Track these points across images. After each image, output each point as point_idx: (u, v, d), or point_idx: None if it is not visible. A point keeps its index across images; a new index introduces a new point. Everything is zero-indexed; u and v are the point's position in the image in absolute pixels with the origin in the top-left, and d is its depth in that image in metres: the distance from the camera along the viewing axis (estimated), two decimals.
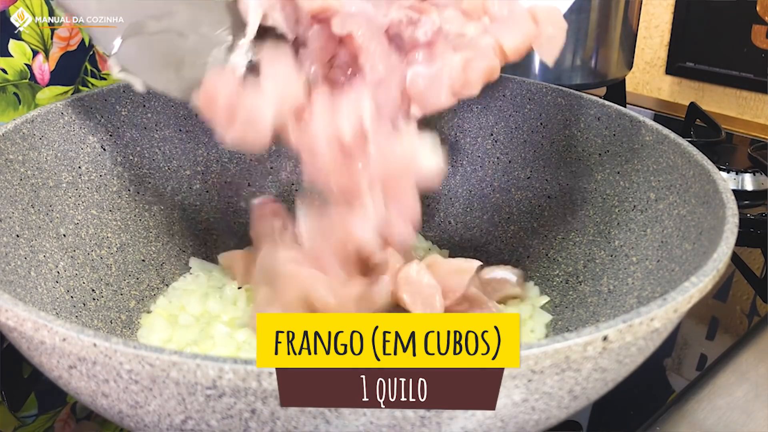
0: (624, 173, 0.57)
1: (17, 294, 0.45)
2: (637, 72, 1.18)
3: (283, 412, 0.31)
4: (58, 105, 0.57)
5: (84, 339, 0.31)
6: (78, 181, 0.57)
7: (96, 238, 0.57)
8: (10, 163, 0.51)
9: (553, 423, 0.37)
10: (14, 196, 0.50)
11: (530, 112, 0.66)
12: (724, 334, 0.58)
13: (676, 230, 0.49)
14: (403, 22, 0.45)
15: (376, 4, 0.45)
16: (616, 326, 0.32)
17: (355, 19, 0.44)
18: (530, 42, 0.47)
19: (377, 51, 0.44)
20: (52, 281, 0.50)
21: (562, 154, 0.63)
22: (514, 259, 0.63)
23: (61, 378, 0.35)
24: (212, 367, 0.29)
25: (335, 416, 0.31)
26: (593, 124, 0.61)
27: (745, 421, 0.48)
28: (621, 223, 0.56)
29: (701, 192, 0.48)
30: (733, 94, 1.09)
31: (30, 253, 0.49)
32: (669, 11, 1.12)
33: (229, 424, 0.32)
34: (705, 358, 0.55)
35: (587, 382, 0.35)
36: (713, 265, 0.38)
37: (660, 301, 0.35)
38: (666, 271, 0.48)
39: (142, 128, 0.63)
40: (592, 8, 0.85)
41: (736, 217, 0.42)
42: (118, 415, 0.35)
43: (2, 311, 0.34)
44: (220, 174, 0.67)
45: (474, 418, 0.33)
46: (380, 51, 0.44)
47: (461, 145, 0.69)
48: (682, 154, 0.52)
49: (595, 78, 0.90)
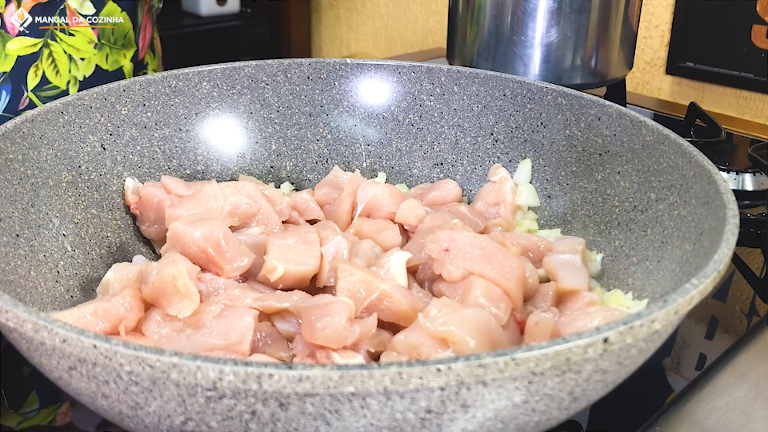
0: (624, 173, 0.57)
1: (17, 294, 0.45)
2: (637, 72, 1.18)
3: (283, 414, 0.31)
4: (58, 104, 0.57)
5: (84, 340, 0.31)
6: (78, 180, 0.57)
7: (96, 238, 0.57)
8: (10, 162, 0.51)
9: (554, 424, 0.37)
10: (14, 196, 0.50)
11: (530, 112, 0.66)
12: (723, 334, 0.58)
13: (677, 231, 0.49)
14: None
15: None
16: (616, 328, 0.32)
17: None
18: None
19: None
20: (52, 281, 0.50)
21: (562, 154, 0.63)
22: None
23: (62, 379, 0.35)
24: (212, 368, 0.29)
25: (335, 417, 0.31)
26: (593, 124, 0.61)
27: (744, 421, 0.48)
28: (621, 223, 0.56)
29: (702, 192, 0.48)
30: (733, 94, 1.09)
31: (30, 253, 0.49)
32: (669, 11, 1.12)
33: (229, 426, 0.32)
34: (704, 358, 0.55)
35: (588, 384, 0.35)
36: (714, 267, 0.38)
37: (660, 302, 0.35)
38: (666, 272, 0.48)
39: (142, 127, 0.63)
40: (592, 8, 0.85)
41: (736, 218, 0.42)
42: (119, 416, 0.35)
43: (2, 312, 0.34)
44: (220, 173, 0.67)
45: (474, 420, 0.33)
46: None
47: (461, 144, 0.69)
48: (682, 154, 0.52)
49: (595, 78, 0.90)
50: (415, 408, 0.31)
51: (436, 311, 0.43)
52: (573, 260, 0.53)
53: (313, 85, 0.70)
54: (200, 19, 1.65)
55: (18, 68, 0.78)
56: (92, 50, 0.82)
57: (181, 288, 0.45)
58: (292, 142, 0.70)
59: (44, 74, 0.79)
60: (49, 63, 0.78)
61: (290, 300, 0.47)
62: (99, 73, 0.83)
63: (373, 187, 0.61)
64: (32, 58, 0.78)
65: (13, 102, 0.78)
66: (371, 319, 0.44)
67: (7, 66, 0.77)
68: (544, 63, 0.87)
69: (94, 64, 0.83)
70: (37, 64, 0.78)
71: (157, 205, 0.58)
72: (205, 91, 0.67)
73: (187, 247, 0.49)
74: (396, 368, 0.29)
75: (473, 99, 0.68)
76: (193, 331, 0.45)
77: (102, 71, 0.83)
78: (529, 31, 0.86)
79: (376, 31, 1.59)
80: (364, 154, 0.70)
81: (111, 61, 0.84)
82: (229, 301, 0.47)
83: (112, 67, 0.85)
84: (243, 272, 0.51)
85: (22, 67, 0.78)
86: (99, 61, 0.83)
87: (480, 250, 0.49)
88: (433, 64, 0.70)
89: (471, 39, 0.91)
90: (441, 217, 0.58)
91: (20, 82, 0.78)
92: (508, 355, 0.30)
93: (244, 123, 0.68)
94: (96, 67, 0.83)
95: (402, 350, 0.42)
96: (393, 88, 0.70)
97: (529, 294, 0.51)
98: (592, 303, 0.49)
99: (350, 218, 0.62)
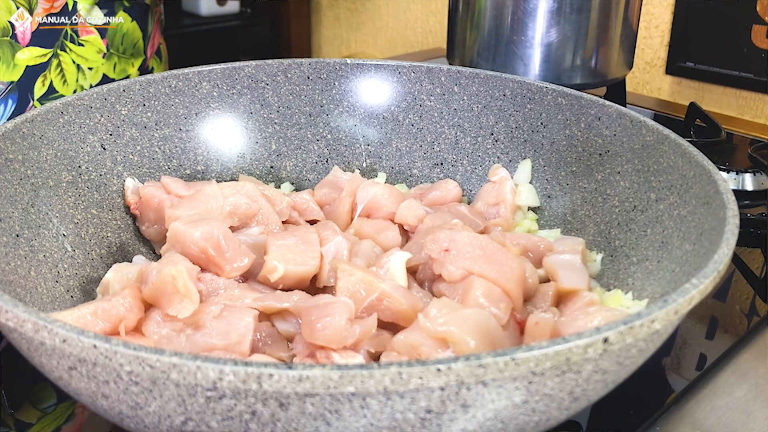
0: (624, 173, 0.57)
1: (17, 294, 0.45)
2: (637, 72, 1.18)
3: (283, 414, 0.31)
4: (58, 104, 0.57)
5: (84, 340, 0.31)
6: (78, 180, 0.57)
7: (96, 238, 0.57)
8: (10, 162, 0.51)
9: (554, 424, 0.37)
10: (14, 196, 0.50)
11: (530, 112, 0.66)
12: (723, 334, 0.58)
13: (677, 231, 0.49)
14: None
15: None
16: (616, 328, 0.32)
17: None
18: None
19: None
20: (52, 281, 0.50)
21: (562, 154, 0.63)
22: None
23: (62, 379, 0.35)
24: (212, 368, 0.29)
25: (335, 417, 0.31)
26: (593, 124, 0.61)
27: (744, 421, 0.48)
28: (621, 223, 0.56)
29: (702, 192, 0.48)
30: (733, 94, 1.09)
31: (30, 253, 0.49)
32: (669, 11, 1.12)
33: (229, 426, 0.32)
34: (705, 358, 0.55)
35: (588, 384, 0.35)
36: (714, 267, 0.38)
37: (660, 302, 0.35)
38: (666, 272, 0.48)
39: (142, 127, 0.63)
40: (592, 8, 0.85)
41: (736, 218, 0.42)
42: (119, 416, 0.35)
43: (2, 312, 0.34)
44: (220, 173, 0.67)
45: (474, 420, 0.33)
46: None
47: (461, 144, 0.69)
48: (682, 154, 0.52)
49: (595, 78, 0.90)
50: (415, 408, 0.31)
51: (436, 311, 0.43)
52: (573, 260, 0.53)
53: (313, 85, 0.70)
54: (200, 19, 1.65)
55: (26, 77, 0.78)
56: (100, 60, 0.82)
57: (181, 288, 0.45)
58: (292, 142, 0.70)
59: (51, 83, 0.79)
60: (58, 73, 0.78)
61: (290, 300, 0.47)
62: (106, 82, 0.83)
63: (372, 187, 0.61)
64: (41, 68, 0.78)
65: (19, 110, 0.78)
66: (371, 319, 0.44)
67: (15, 75, 0.77)
68: (544, 63, 0.87)
69: (102, 74, 0.83)
70: (45, 74, 0.78)
71: (157, 205, 0.58)
72: (205, 91, 0.67)
73: (187, 247, 0.49)
74: (396, 368, 0.29)
75: (473, 99, 0.68)
76: (193, 332, 0.45)
77: (109, 80, 0.83)
78: (529, 31, 0.86)
79: (376, 31, 1.59)
80: (364, 154, 0.70)
81: (119, 70, 0.85)
82: (229, 302, 0.47)
83: (120, 75, 0.85)
84: (243, 272, 0.51)
85: (30, 76, 0.78)
86: (106, 71, 0.83)
87: (480, 250, 0.49)
88: (433, 64, 0.70)
89: (471, 39, 0.91)
90: (441, 217, 0.58)
91: (27, 91, 0.78)
92: (508, 355, 0.30)
93: (244, 123, 0.68)
94: (103, 76, 0.83)
95: (402, 350, 0.42)
96: (393, 88, 0.70)
97: (529, 294, 0.51)
98: (592, 303, 0.49)
99: (350, 218, 0.62)
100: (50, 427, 0.47)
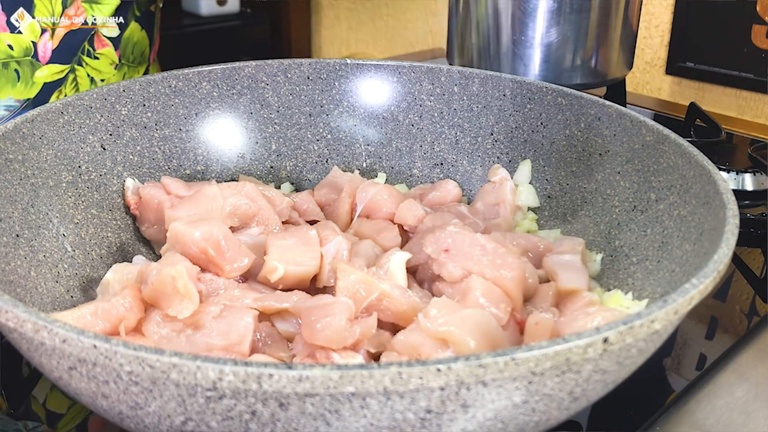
0: (624, 173, 0.57)
1: (17, 294, 0.45)
2: (637, 72, 1.18)
3: (283, 414, 0.31)
4: (58, 104, 0.57)
5: (84, 340, 0.31)
6: (78, 180, 0.57)
7: (96, 238, 0.57)
8: (10, 162, 0.51)
9: (554, 424, 0.37)
10: (14, 196, 0.50)
11: (530, 112, 0.66)
12: (723, 334, 0.58)
13: (677, 231, 0.49)
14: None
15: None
16: (616, 328, 0.32)
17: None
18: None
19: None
20: (52, 281, 0.50)
21: (562, 154, 0.63)
22: None
23: (62, 379, 0.35)
24: (212, 368, 0.29)
25: (335, 417, 0.31)
26: (593, 124, 0.61)
27: (744, 421, 0.48)
28: (621, 223, 0.56)
29: (702, 192, 0.48)
30: (733, 94, 1.09)
31: (30, 253, 0.49)
32: (669, 11, 1.12)
33: (229, 426, 0.32)
34: (704, 358, 0.55)
35: (588, 384, 0.35)
36: (714, 267, 0.38)
37: (660, 302, 0.35)
38: (666, 272, 0.48)
39: (142, 127, 0.63)
40: (592, 8, 0.85)
41: (736, 218, 0.42)
42: (118, 416, 0.35)
43: (2, 312, 0.34)
44: (220, 174, 0.67)
45: (474, 420, 0.33)
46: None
47: (461, 145, 0.69)
48: (682, 154, 0.52)
49: (595, 78, 0.90)
50: (415, 408, 0.31)
51: (436, 311, 0.43)
52: (573, 260, 0.53)
53: (313, 85, 0.70)
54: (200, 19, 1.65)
55: (42, 93, 0.79)
56: (113, 71, 0.83)
57: (180, 288, 0.45)
58: (292, 142, 0.70)
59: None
60: (73, 87, 0.79)
61: (290, 300, 0.47)
62: None
63: (372, 187, 0.61)
64: (57, 84, 0.79)
65: None
66: (371, 320, 0.44)
67: (32, 93, 0.78)
68: (544, 63, 0.87)
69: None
70: (60, 89, 0.79)
71: (157, 206, 0.58)
72: (205, 91, 0.67)
73: (187, 247, 0.49)
74: (396, 368, 0.29)
75: (473, 99, 0.68)
76: (193, 332, 0.45)
77: None
78: (529, 31, 0.86)
79: (376, 31, 1.59)
80: (364, 154, 0.70)
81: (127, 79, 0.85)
82: (229, 302, 0.47)
83: None
84: (243, 273, 0.51)
85: (46, 92, 0.79)
86: (116, 81, 0.84)
87: (480, 250, 0.49)
88: (433, 64, 0.70)
89: (471, 39, 0.91)
90: (441, 218, 0.58)
91: (42, 104, 0.78)
92: (508, 355, 0.30)
93: (244, 123, 0.68)
94: None
95: (402, 350, 0.42)
96: (393, 89, 0.70)
97: (529, 294, 0.51)
98: (592, 303, 0.49)
99: (350, 219, 0.62)
100: (80, 416, 0.47)
